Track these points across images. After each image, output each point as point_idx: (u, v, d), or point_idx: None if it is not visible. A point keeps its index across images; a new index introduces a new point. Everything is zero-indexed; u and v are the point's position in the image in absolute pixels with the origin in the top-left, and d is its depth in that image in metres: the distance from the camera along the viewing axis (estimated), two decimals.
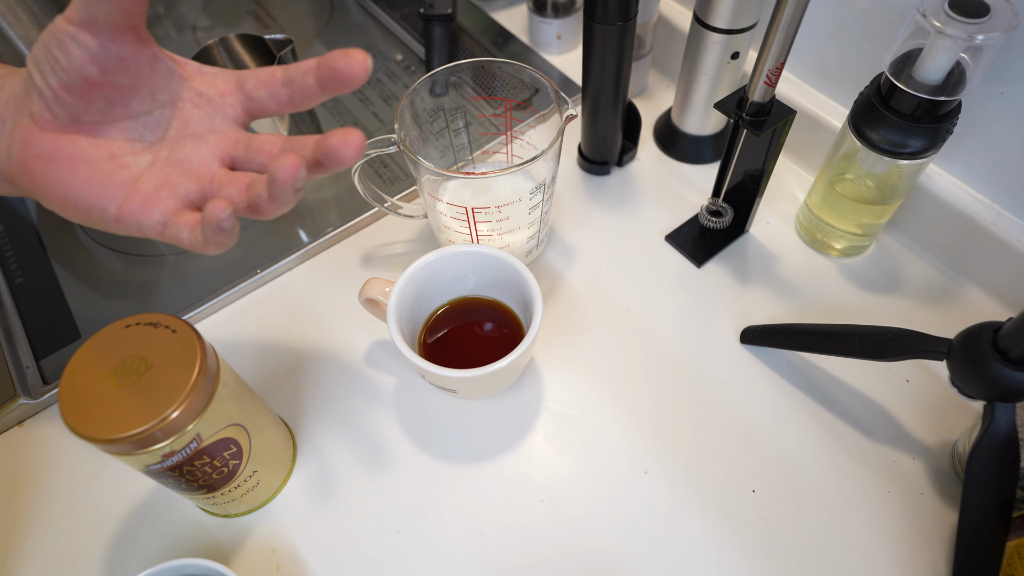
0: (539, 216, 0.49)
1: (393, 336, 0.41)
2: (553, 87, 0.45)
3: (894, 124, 0.42)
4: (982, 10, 0.37)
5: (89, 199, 0.29)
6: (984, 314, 0.50)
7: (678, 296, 0.52)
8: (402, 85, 0.66)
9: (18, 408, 0.46)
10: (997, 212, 0.47)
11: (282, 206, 0.28)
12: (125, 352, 0.32)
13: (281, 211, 0.29)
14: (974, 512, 0.37)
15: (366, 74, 0.28)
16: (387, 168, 0.60)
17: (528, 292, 0.43)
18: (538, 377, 0.48)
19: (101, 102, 0.29)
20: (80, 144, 0.29)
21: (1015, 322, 0.33)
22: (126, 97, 0.29)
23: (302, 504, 0.43)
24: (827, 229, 0.52)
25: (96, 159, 0.29)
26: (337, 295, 0.52)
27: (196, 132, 0.31)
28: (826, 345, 0.44)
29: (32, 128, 0.29)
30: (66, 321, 0.51)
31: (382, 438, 0.46)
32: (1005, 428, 0.35)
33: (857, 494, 0.42)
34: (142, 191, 0.29)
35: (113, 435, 0.30)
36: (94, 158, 0.29)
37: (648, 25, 0.59)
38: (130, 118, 0.30)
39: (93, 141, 0.29)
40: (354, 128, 0.27)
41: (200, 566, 0.36)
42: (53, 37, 0.27)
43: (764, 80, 0.41)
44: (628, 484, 0.43)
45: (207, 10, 0.75)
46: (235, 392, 0.36)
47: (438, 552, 0.41)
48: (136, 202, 0.29)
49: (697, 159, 0.60)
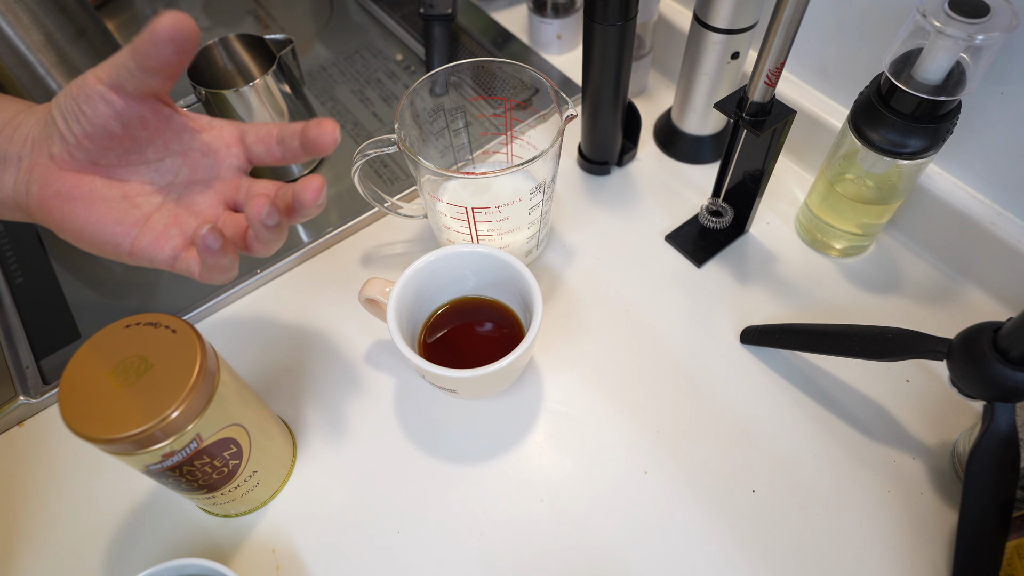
0: (539, 216, 0.49)
1: (393, 336, 0.41)
2: (553, 87, 0.45)
3: (894, 124, 0.42)
4: (982, 10, 0.37)
5: (104, 235, 0.32)
6: (984, 314, 0.50)
7: (678, 296, 0.52)
8: (402, 85, 0.66)
9: (18, 408, 0.46)
10: (997, 212, 0.47)
11: (266, 244, 0.32)
12: (125, 352, 0.32)
13: (267, 250, 0.33)
14: (974, 512, 0.37)
15: (334, 143, 0.32)
16: (387, 168, 0.60)
17: (528, 292, 0.43)
18: (538, 377, 0.48)
19: (119, 150, 0.32)
20: (96, 184, 0.32)
21: (1015, 322, 0.33)
22: (141, 147, 0.32)
23: (302, 504, 0.43)
24: (827, 229, 0.51)
25: (111, 198, 0.32)
26: (337, 295, 0.52)
27: (204, 178, 0.34)
28: (826, 345, 0.44)
29: (51, 167, 0.31)
30: (66, 321, 0.51)
31: (382, 438, 0.46)
32: (1005, 428, 0.35)
33: (857, 494, 0.42)
34: (154, 228, 0.32)
35: (113, 435, 0.30)
36: (109, 197, 0.32)
37: (648, 25, 0.59)
38: (143, 164, 0.33)
39: (108, 183, 0.32)
40: (315, 176, 0.32)
41: (200, 566, 0.36)
42: (83, 92, 0.30)
43: (764, 80, 0.41)
44: (628, 484, 0.43)
45: (207, 10, 0.75)
46: (235, 392, 0.36)
47: (438, 552, 0.41)
48: (148, 239, 0.32)
49: (697, 159, 0.60)
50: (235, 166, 0.35)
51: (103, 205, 0.32)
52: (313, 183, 0.31)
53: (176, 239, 0.33)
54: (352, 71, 0.67)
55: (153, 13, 0.75)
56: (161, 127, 0.32)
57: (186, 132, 0.33)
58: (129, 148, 0.32)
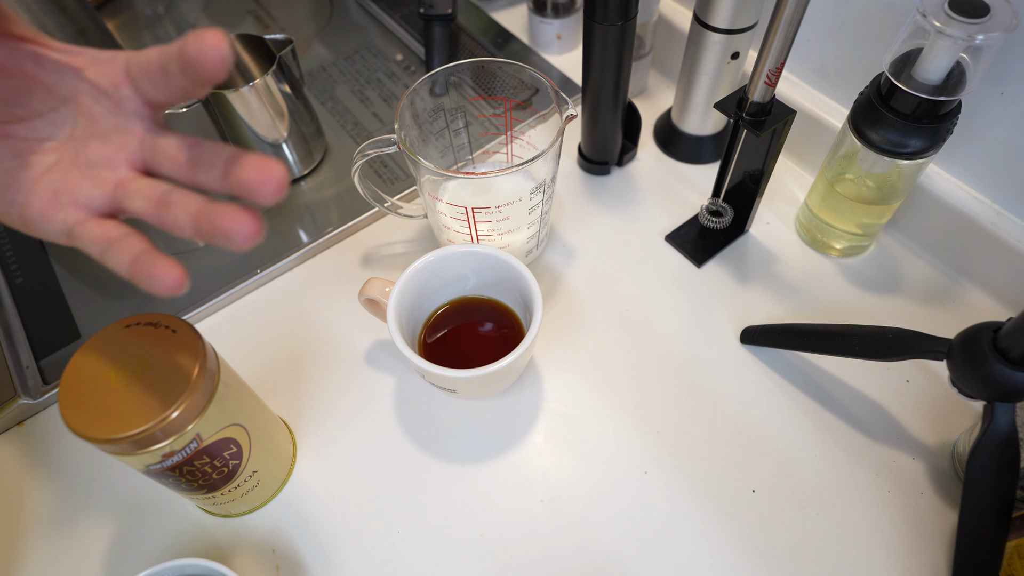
0: (539, 216, 0.49)
1: (393, 336, 0.41)
2: (553, 87, 0.45)
3: (894, 124, 0.42)
4: (982, 10, 0.37)
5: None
6: (984, 314, 0.50)
7: (678, 296, 0.52)
8: (402, 85, 0.66)
9: (18, 408, 0.46)
10: (997, 212, 0.47)
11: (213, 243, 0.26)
12: (125, 352, 0.32)
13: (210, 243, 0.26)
14: (974, 512, 0.37)
15: (222, 60, 0.23)
16: (387, 168, 0.60)
17: (528, 292, 0.43)
18: (538, 377, 0.48)
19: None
20: None
21: (1015, 322, 0.33)
22: (23, 96, 0.27)
23: (302, 504, 0.43)
24: (827, 229, 0.51)
25: (2, 158, 0.27)
26: (337, 295, 0.52)
27: (101, 130, 0.28)
28: (826, 345, 0.44)
29: None
30: (66, 321, 0.51)
31: (382, 438, 0.46)
32: (1005, 428, 0.35)
33: (857, 494, 0.42)
34: (41, 195, 0.27)
35: (113, 435, 0.30)
36: (1, 158, 0.27)
37: (648, 25, 0.59)
38: (35, 117, 0.28)
39: (2, 141, 0.27)
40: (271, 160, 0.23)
41: (200, 566, 0.36)
42: None
43: (764, 80, 0.41)
44: (628, 484, 0.43)
45: (207, 10, 0.75)
46: (235, 392, 0.36)
47: (438, 552, 0.41)
48: (35, 207, 0.27)
49: (697, 159, 0.60)
50: (133, 112, 0.27)
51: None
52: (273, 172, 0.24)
53: (68, 209, 0.27)
54: (352, 71, 0.67)
55: (153, 13, 0.75)
56: (28, 70, 0.27)
57: (67, 71, 0.27)
58: (9, 100, 0.27)
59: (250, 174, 0.24)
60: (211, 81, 0.24)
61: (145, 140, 0.27)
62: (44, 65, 0.27)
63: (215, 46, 0.23)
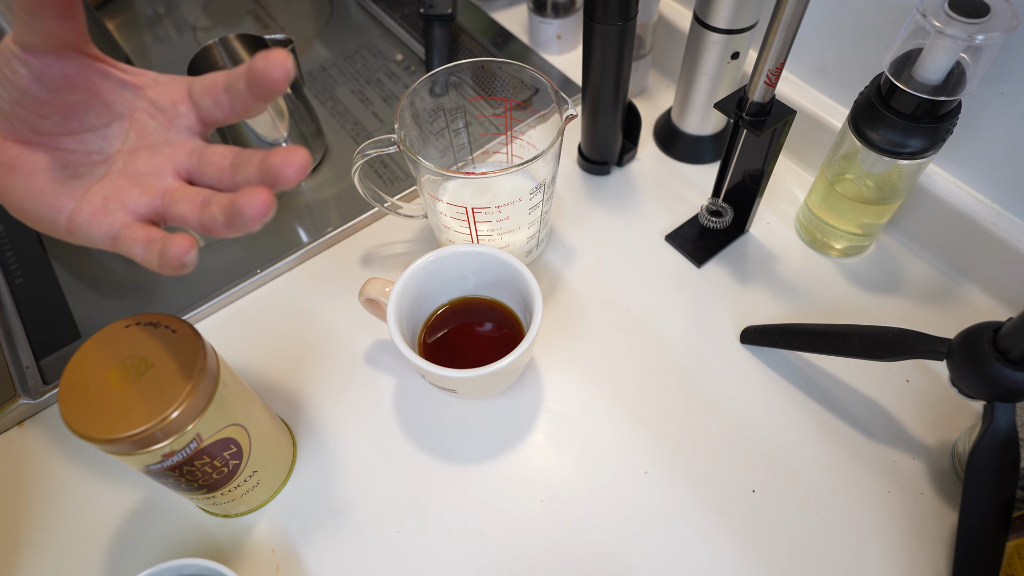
0: (539, 216, 0.49)
1: (393, 336, 0.41)
2: (553, 87, 0.45)
3: (894, 124, 0.42)
4: (982, 10, 0.37)
5: (41, 209, 0.29)
6: (984, 314, 0.50)
7: (678, 296, 0.52)
8: (402, 85, 0.66)
9: (18, 408, 0.46)
10: (997, 212, 0.47)
11: (239, 232, 0.28)
12: (125, 352, 0.32)
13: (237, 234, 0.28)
14: (974, 512, 0.37)
15: (286, 75, 0.26)
16: (387, 168, 0.60)
17: (528, 292, 0.43)
18: (538, 377, 0.48)
19: (55, 117, 0.29)
20: (39, 155, 0.29)
21: (1015, 322, 0.33)
22: (80, 111, 0.29)
23: (302, 504, 0.43)
24: (827, 229, 0.52)
25: (52, 169, 0.29)
26: (337, 295, 0.52)
27: (152, 143, 0.30)
28: (826, 345, 0.44)
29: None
30: (66, 321, 0.51)
31: (382, 438, 0.46)
32: (1005, 428, 0.35)
33: (857, 494, 0.42)
34: (92, 202, 0.29)
35: (113, 435, 0.30)
36: (50, 169, 0.29)
37: (648, 25, 0.59)
38: (88, 131, 0.30)
39: (53, 153, 0.30)
40: (298, 147, 0.26)
41: (200, 566, 0.36)
42: (2, 55, 0.27)
43: (764, 80, 0.41)
44: (628, 484, 0.43)
45: (207, 10, 0.75)
46: (235, 392, 0.36)
47: (438, 552, 0.41)
48: (85, 214, 0.29)
49: (697, 159, 0.60)
50: (185, 127, 0.31)
51: (43, 176, 0.29)
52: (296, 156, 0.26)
53: (116, 214, 0.29)
54: (352, 71, 0.67)
55: (153, 13, 0.75)
56: (96, 87, 0.29)
57: (128, 90, 0.30)
58: (67, 114, 0.29)
59: (277, 158, 0.27)
60: (275, 93, 0.27)
61: (193, 152, 0.30)
62: (109, 83, 0.30)
63: (281, 62, 0.26)
